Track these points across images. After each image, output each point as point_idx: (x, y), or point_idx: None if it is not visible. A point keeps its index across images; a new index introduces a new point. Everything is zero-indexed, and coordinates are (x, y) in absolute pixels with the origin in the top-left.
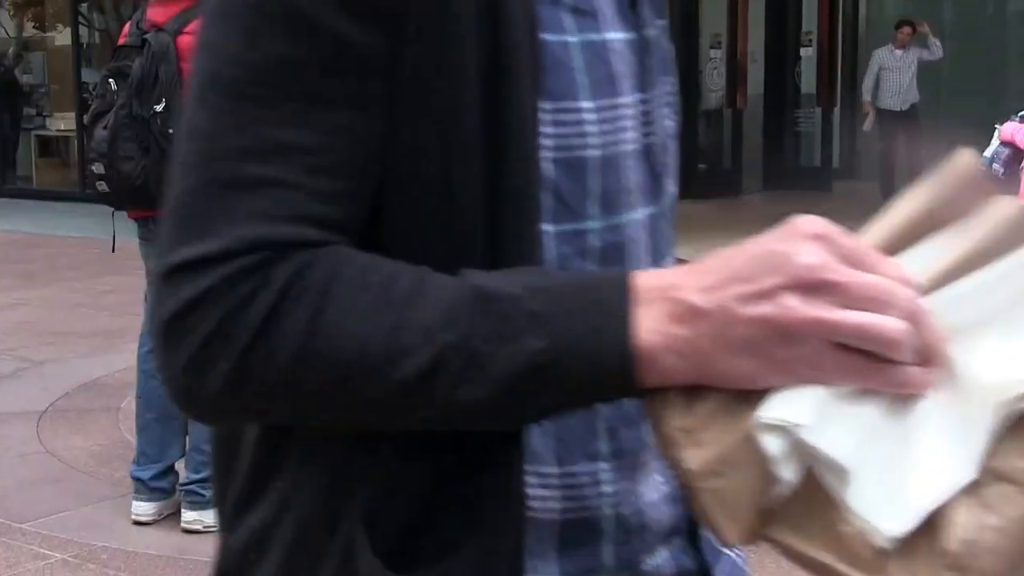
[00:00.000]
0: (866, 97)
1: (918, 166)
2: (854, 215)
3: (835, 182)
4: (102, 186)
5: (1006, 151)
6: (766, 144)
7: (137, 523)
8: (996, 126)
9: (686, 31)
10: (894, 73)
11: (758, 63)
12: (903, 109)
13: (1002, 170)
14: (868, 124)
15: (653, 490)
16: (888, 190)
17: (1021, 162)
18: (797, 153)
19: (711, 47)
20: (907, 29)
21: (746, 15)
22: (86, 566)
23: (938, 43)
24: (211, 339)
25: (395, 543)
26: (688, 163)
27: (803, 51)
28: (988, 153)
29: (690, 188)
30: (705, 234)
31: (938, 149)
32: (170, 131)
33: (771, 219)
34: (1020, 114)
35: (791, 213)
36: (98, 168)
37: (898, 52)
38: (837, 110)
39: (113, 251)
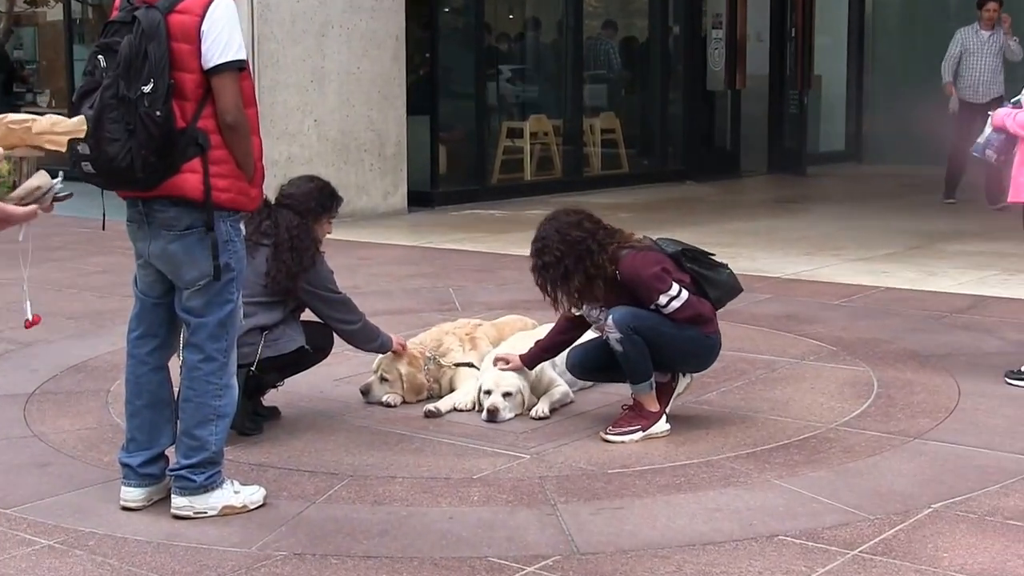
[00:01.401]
0: (947, 78)
1: (996, 182)
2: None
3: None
4: (87, 167)
5: (999, 137)
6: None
7: (126, 509)
8: (989, 113)
9: (690, 10)
10: (976, 57)
11: (764, 43)
12: (983, 102)
13: (995, 156)
14: (953, 105)
15: None
16: (950, 191)
17: (1014, 147)
18: (787, 135)
19: (713, 27)
20: (993, 5)
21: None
22: (73, 552)
23: (1018, 43)
24: None
25: None
26: (691, 144)
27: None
28: (981, 140)
29: (696, 169)
30: (708, 215)
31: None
32: (157, 113)
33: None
34: (1014, 100)
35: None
36: (84, 148)
37: (984, 33)
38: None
39: (103, 229)
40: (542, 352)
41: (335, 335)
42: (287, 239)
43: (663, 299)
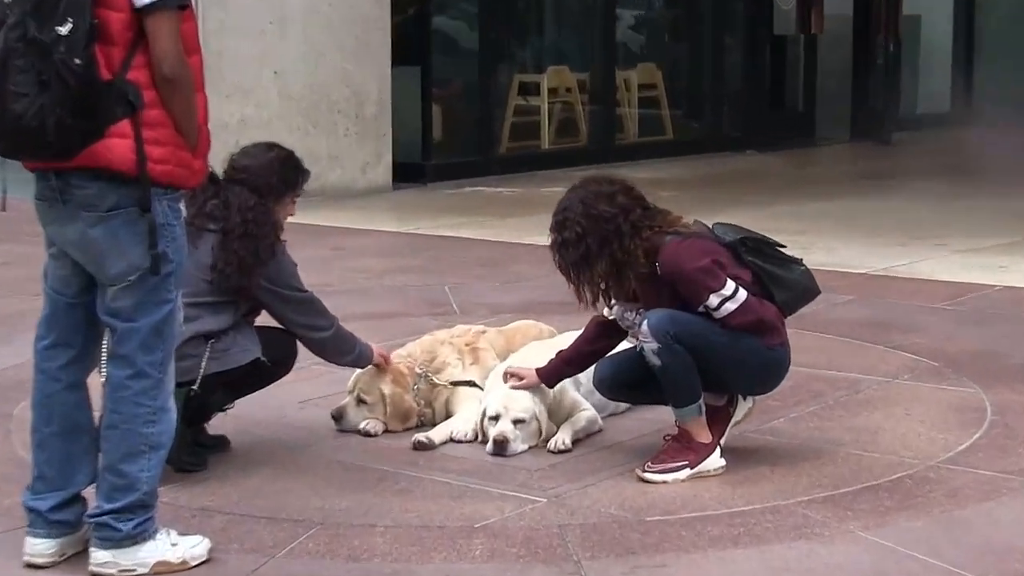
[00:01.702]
0: None
1: None
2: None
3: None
4: None
5: None
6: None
7: (31, 566)
8: None
9: None
10: None
11: None
12: None
13: None
14: None
15: None
16: None
17: None
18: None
19: None
20: None
21: None
22: None
23: None
24: None
25: None
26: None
27: None
28: None
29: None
30: (777, 192)
31: None
32: (76, 61)
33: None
34: None
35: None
36: None
37: None
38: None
39: (3, 210)
40: (564, 365)
41: (300, 345)
42: (240, 223)
43: (714, 300)
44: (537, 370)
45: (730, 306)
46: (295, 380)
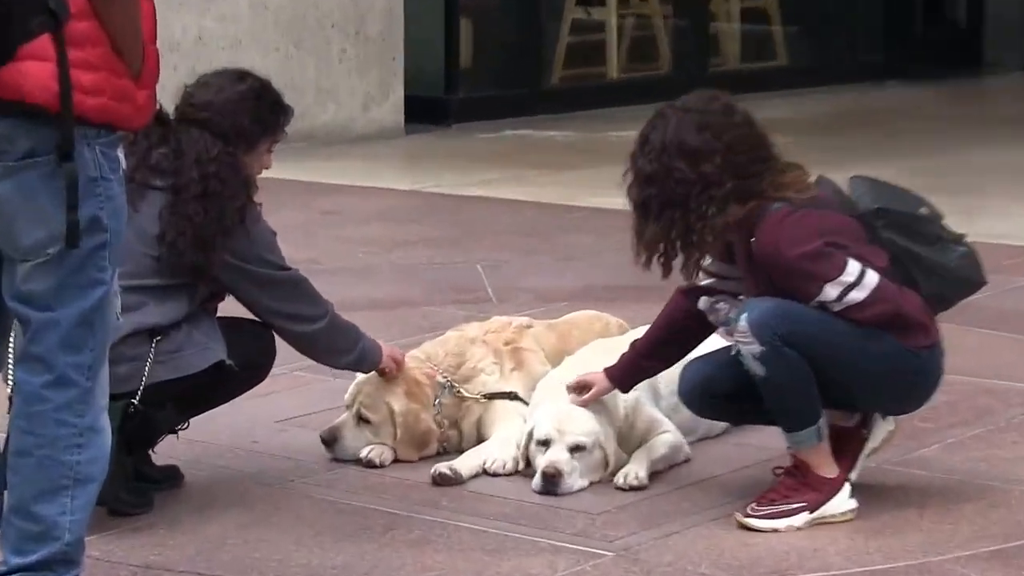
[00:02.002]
0: None
1: None
2: None
3: None
4: None
5: None
6: None
7: None
8: None
9: None
10: None
11: None
12: None
13: None
14: None
15: None
16: None
17: None
18: None
19: None
20: None
21: None
22: None
23: None
24: None
25: None
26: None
27: None
28: None
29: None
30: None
31: None
32: None
33: None
34: None
35: None
36: None
37: None
38: None
39: None
40: (640, 361)
41: (280, 342)
42: (197, 180)
43: (831, 290)
44: (605, 370)
45: (856, 295)
46: (272, 391)
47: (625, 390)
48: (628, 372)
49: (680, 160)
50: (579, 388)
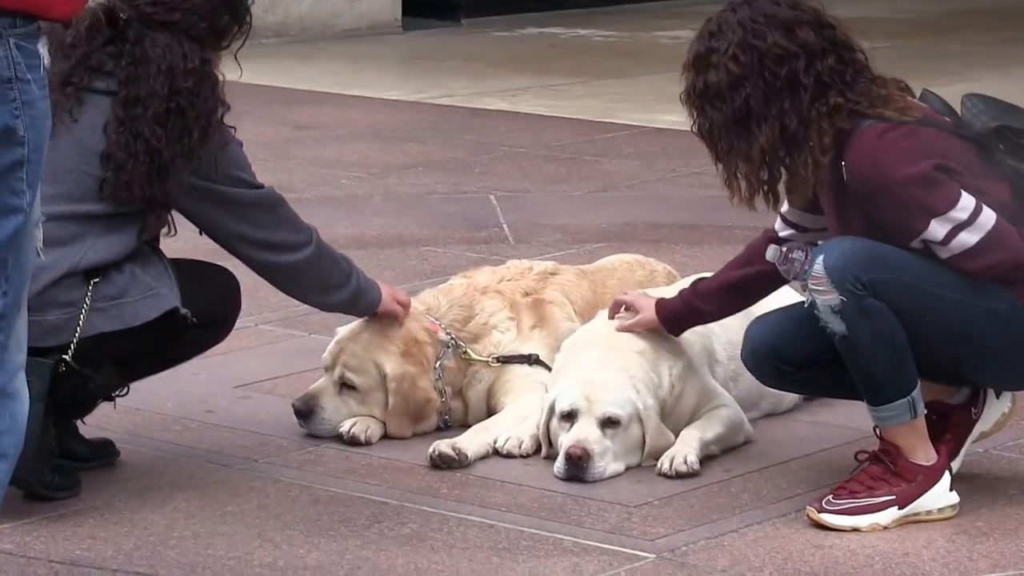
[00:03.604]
0: None
1: None
2: None
3: None
4: None
5: None
6: None
7: None
8: None
9: None
10: None
11: None
12: None
13: None
14: None
15: None
16: None
17: None
18: None
19: None
20: None
21: None
22: None
23: None
24: None
25: None
26: None
27: None
28: None
29: None
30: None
31: None
32: None
33: None
34: None
35: None
36: None
37: None
38: None
39: None
40: (698, 302)
41: (250, 286)
42: (164, 94)
43: (938, 228)
44: (657, 303)
45: (967, 238)
46: (230, 349)
47: (675, 332)
48: (681, 312)
49: (774, 33)
50: (621, 307)
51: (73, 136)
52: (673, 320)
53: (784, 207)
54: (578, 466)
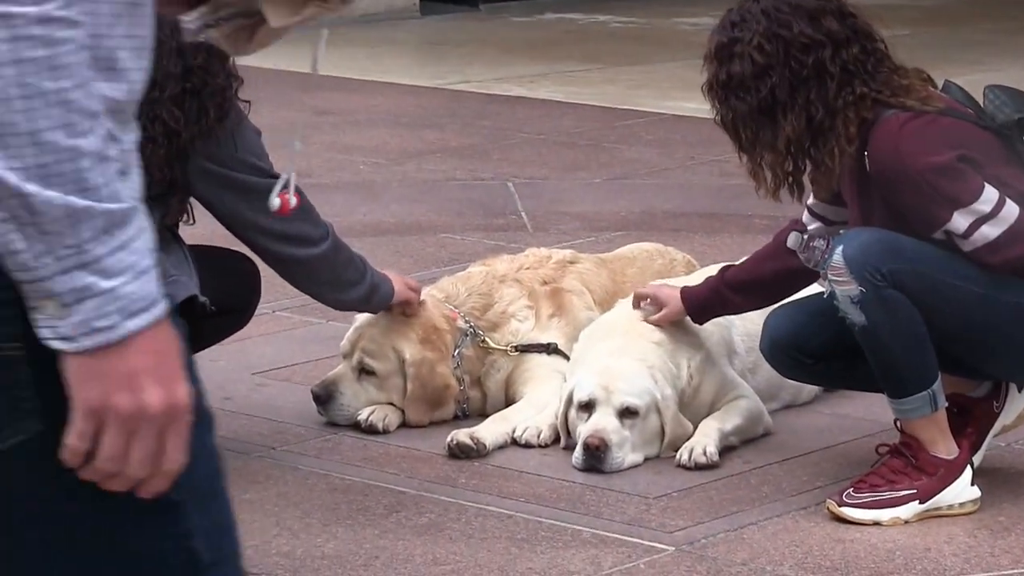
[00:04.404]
0: None
1: None
2: None
3: None
4: None
5: None
6: None
7: None
8: None
9: None
10: None
11: None
12: None
13: None
14: None
15: None
16: None
17: None
18: None
19: None
20: None
21: None
22: None
23: None
24: None
25: None
26: None
27: None
28: None
29: None
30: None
31: None
32: None
33: None
34: None
35: None
36: None
37: None
38: None
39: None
40: (726, 291)
41: (268, 272)
42: (179, 74)
43: (960, 220)
44: (682, 291)
45: (989, 231)
46: (248, 336)
47: (700, 320)
48: (709, 300)
49: (800, 21)
50: (644, 300)
51: None
52: (699, 308)
53: (811, 200)
54: (596, 456)
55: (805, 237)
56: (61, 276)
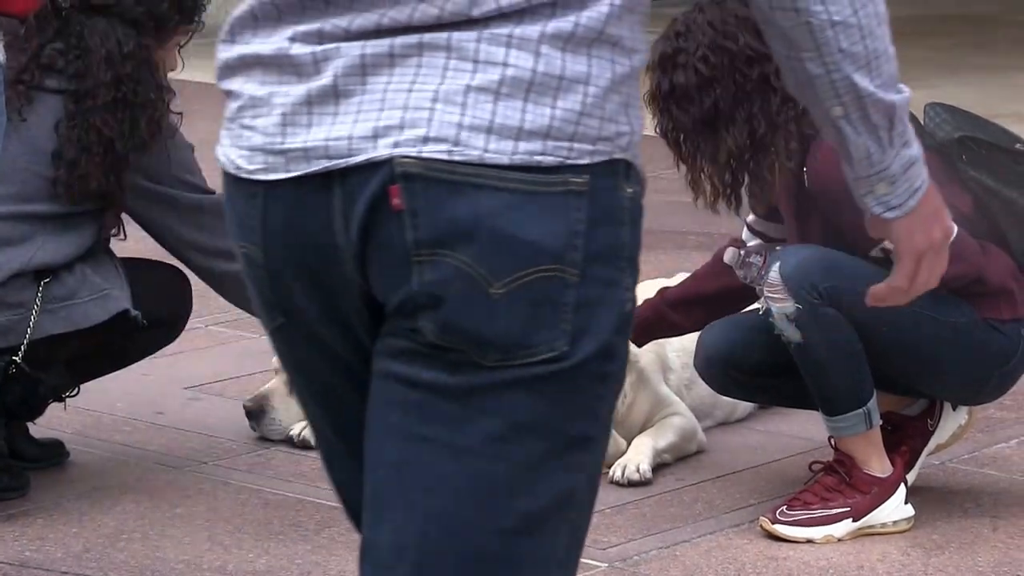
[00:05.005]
0: None
1: None
2: None
3: None
4: None
5: None
6: None
7: None
8: None
9: None
10: None
11: None
12: None
13: None
14: None
15: None
16: None
17: None
18: None
19: None
20: None
21: None
22: None
23: None
24: None
25: None
26: None
27: None
28: None
29: None
30: None
31: None
32: None
33: None
34: None
35: None
36: None
37: None
38: None
39: None
40: (667, 310)
41: (200, 287)
42: (109, 82)
43: None
44: None
45: None
46: (181, 350)
47: (641, 343)
48: (649, 322)
49: (746, 34)
50: None
51: (21, 136)
52: (641, 330)
53: (750, 217)
54: None
55: (742, 253)
56: (896, 158)
